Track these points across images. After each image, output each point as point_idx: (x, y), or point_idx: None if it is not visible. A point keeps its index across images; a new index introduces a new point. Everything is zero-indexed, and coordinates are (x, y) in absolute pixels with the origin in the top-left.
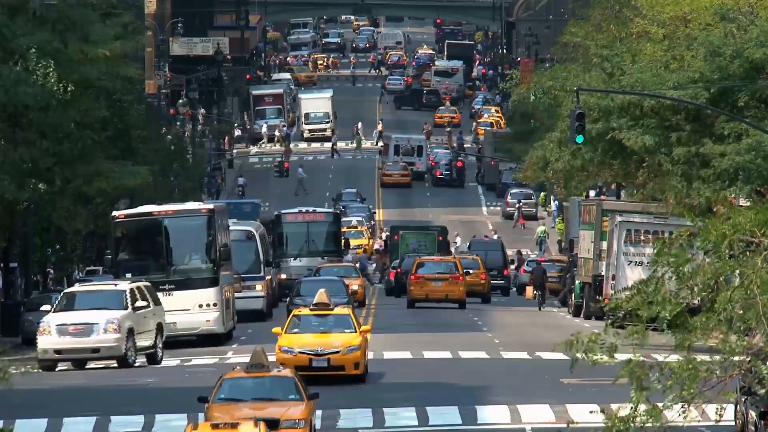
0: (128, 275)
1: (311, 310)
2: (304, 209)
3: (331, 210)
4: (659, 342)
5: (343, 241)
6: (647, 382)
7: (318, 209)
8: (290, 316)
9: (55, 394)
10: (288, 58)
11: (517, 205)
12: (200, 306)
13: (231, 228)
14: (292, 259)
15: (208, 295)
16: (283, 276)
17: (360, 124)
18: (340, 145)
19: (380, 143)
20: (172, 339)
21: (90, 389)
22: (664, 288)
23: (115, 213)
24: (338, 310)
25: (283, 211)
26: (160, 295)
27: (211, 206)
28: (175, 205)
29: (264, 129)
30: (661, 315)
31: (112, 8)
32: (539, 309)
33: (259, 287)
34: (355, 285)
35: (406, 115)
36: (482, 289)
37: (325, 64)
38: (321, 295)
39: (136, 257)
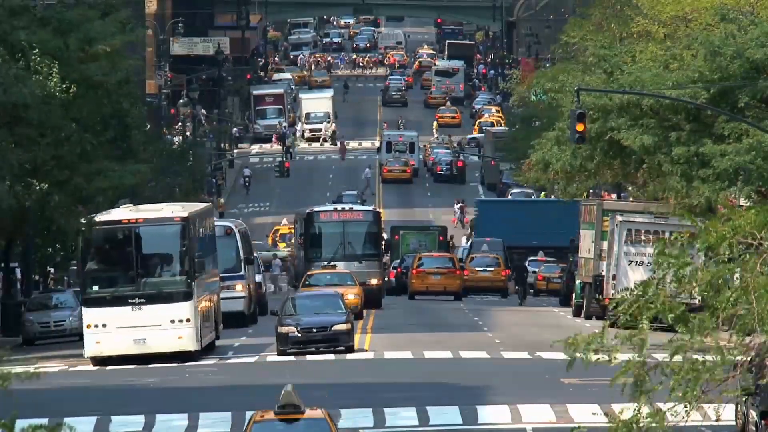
0: (95, 287)
1: (276, 414)
2: (339, 206)
3: (370, 208)
4: (659, 341)
5: (384, 243)
6: (648, 385)
7: (355, 207)
8: (249, 422)
9: (55, 394)
10: (300, 57)
11: (458, 206)
12: (172, 321)
13: None
14: (325, 263)
15: (181, 310)
16: None
17: (301, 125)
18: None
19: (338, 143)
20: (143, 356)
21: (90, 389)
22: (665, 292)
23: (82, 220)
24: (311, 414)
25: (316, 209)
26: (129, 309)
27: (185, 214)
28: (147, 212)
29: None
30: (666, 316)
31: (111, 6)
32: (520, 304)
33: (239, 287)
34: (350, 294)
35: (405, 114)
36: (502, 285)
37: (363, 64)
38: (288, 395)
39: (105, 268)
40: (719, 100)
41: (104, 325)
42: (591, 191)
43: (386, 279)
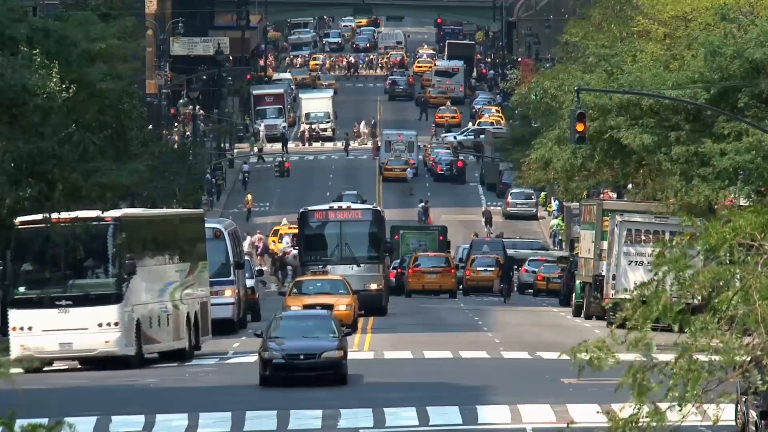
0: (21, 289)
1: None
2: (336, 205)
3: (370, 206)
4: (660, 341)
5: (387, 245)
6: (649, 385)
7: (353, 205)
8: None
9: (55, 394)
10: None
11: (421, 205)
12: (99, 325)
13: None
14: (321, 267)
15: (109, 312)
16: None
17: (262, 125)
18: (340, 145)
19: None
20: (69, 360)
21: (90, 389)
22: (666, 295)
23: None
24: None
25: (310, 208)
26: (55, 311)
27: (118, 214)
28: (78, 212)
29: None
30: (667, 319)
31: (111, 8)
32: (504, 301)
33: (228, 293)
34: (342, 305)
35: (405, 113)
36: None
37: (382, 64)
38: None
39: (33, 269)
40: (719, 100)
41: (30, 328)
42: (592, 191)
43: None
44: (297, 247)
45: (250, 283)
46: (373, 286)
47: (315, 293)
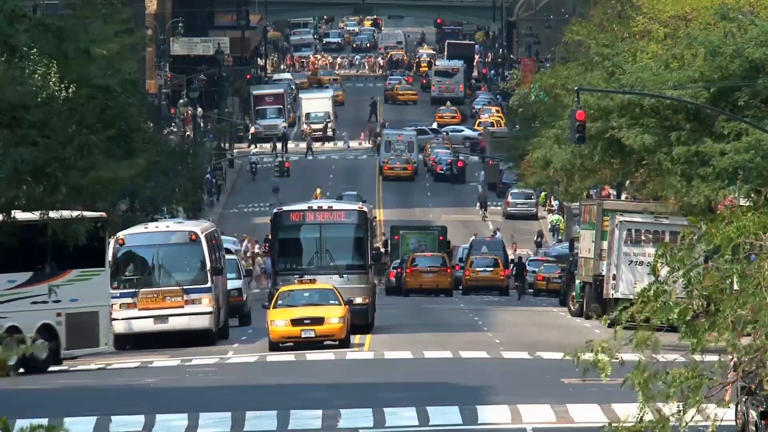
0: None
1: None
2: (315, 205)
3: (354, 206)
4: (663, 342)
5: (377, 251)
6: (653, 390)
7: (336, 205)
8: None
9: (55, 394)
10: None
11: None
12: None
13: (170, 228)
14: (297, 276)
15: None
16: None
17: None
18: (341, 144)
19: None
20: None
21: (90, 389)
22: (674, 294)
23: None
24: None
25: (285, 208)
26: None
27: None
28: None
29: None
30: (674, 320)
31: (111, 6)
32: (519, 299)
33: (206, 301)
34: (334, 318)
35: (406, 112)
36: (502, 284)
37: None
38: None
39: None
40: (719, 100)
41: None
42: (593, 191)
43: (387, 279)
44: (269, 254)
45: (237, 284)
46: (359, 300)
47: (303, 304)
